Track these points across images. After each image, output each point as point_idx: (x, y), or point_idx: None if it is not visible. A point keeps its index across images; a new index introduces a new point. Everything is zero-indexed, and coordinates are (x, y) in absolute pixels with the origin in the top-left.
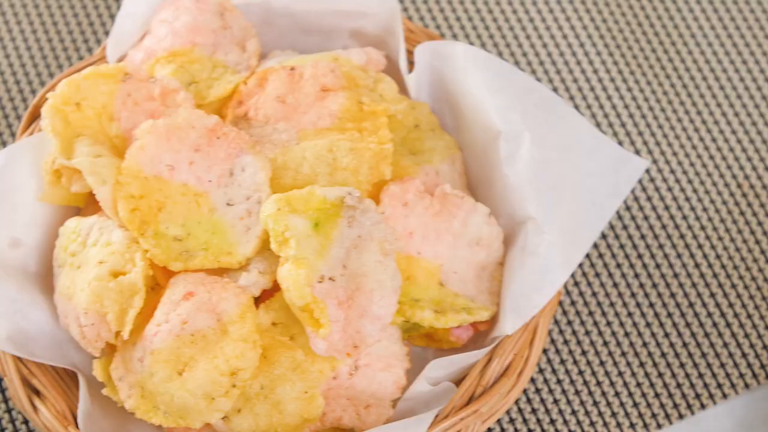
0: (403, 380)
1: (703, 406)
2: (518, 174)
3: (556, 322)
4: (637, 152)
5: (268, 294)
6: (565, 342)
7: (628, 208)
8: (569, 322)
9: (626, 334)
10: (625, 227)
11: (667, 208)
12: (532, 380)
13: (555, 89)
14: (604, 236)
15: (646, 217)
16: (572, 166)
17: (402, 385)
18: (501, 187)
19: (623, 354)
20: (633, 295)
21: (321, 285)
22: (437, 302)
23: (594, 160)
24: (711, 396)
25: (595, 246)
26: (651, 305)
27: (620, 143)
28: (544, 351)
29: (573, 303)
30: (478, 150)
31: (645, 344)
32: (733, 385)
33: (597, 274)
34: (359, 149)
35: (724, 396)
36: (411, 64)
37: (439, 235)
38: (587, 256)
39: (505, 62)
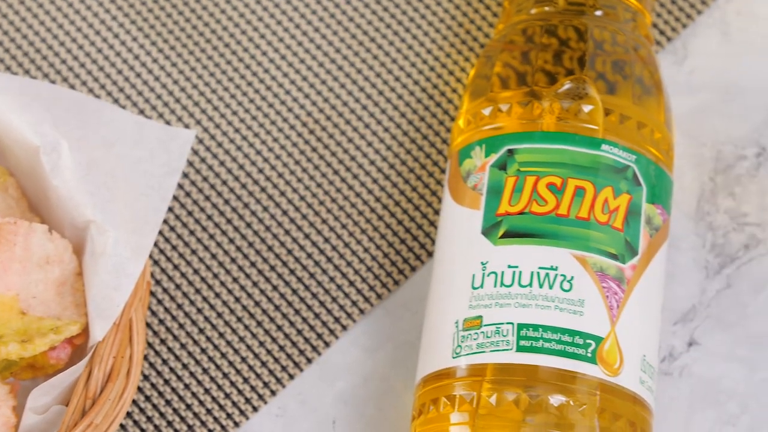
0: (13, 419)
1: (327, 344)
2: (67, 182)
3: (167, 309)
4: (198, 122)
5: None
6: (181, 326)
7: (205, 179)
8: (180, 306)
9: (237, 300)
10: (207, 198)
11: (241, 167)
12: (158, 372)
13: (103, 86)
14: (189, 212)
15: (224, 182)
16: (120, 158)
17: (13, 424)
18: (56, 199)
19: (239, 319)
20: (233, 260)
21: None
22: (23, 332)
23: (141, 146)
24: (332, 332)
25: (184, 224)
26: (252, 264)
27: (180, 119)
28: (162, 340)
29: (178, 286)
30: (26, 170)
31: (257, 303)
32: (349, 315)
33: (193, 251)
34: None
35: (344, 328)
36: None
37: (4, 266)
38: (179, 236)
39: (24, 78)
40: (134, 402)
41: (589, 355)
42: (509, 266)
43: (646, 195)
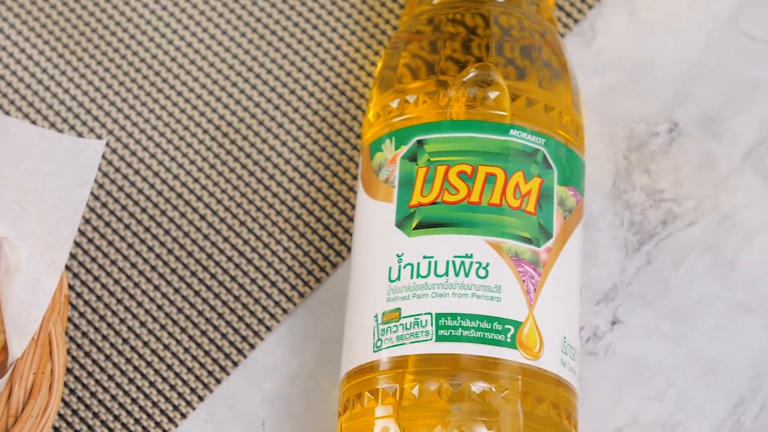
0: None
1: (252, 346)
2: None
3: (89, 321)
4: (110, 132)
5: None
6: (104, 337)
7: (120, 189)
8: (102, 317)
9: (159, 307)
10: (124, 207)
11: (156, 173)
12: (84, 385)
13: (12, 101)
14: (107, 223)
15: (140, 190)
16: (28, 173)
17: None
18: None
19: (163, 327)
20: (153, 268)
21: None
22: None
23: (50, 160)
24: (257, 334)
25: (102, 235)
26: (173, 271)
27: (92, 130)
28: (87, 353)
29: (99, 297)
30: None
31: (180, 310)
32: (272, 316)
33: (113, 262)
34: None
35: (268, 329)
36: None
37: None
38: (98, 247)
39: None
40: (61, 416)
41: (509, 340)
42: (425, 257)
43: (557, 177)
